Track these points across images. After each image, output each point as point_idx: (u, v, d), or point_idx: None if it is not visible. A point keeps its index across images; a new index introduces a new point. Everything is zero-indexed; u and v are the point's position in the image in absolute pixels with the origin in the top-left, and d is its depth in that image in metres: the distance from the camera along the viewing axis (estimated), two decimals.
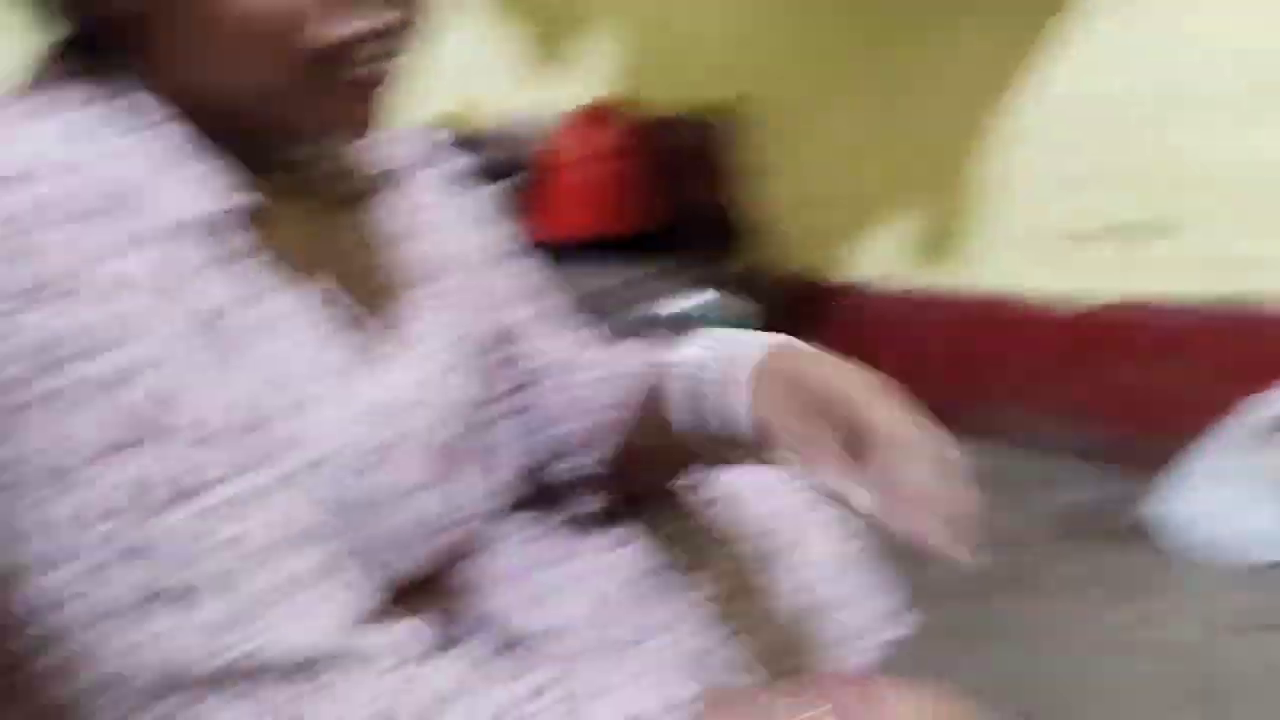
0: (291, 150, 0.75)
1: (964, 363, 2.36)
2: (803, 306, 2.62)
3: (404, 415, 0.73)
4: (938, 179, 2.34)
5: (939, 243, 2.37)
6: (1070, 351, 2.21)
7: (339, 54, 0.66)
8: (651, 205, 2.71)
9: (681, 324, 2.38)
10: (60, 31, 0.69)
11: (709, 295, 2.48)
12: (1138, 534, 1.87)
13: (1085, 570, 1.78)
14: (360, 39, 0.66)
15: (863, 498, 0.70)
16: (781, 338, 0.79)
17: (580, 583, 0.87)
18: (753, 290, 2.61)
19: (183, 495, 0.56)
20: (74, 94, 0.66)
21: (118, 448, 0.56)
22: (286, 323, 0.68)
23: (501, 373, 0.88)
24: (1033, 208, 2.23)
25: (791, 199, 2.63)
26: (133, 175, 0.63)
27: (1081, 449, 2.17)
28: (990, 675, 1.44)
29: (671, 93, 2.71)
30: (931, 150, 2.34)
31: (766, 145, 2.65)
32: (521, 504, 0.92)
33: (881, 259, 2.48)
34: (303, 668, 0.56)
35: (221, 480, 0.58)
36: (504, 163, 2.52)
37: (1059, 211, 2.19)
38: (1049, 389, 2.25)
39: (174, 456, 0.57)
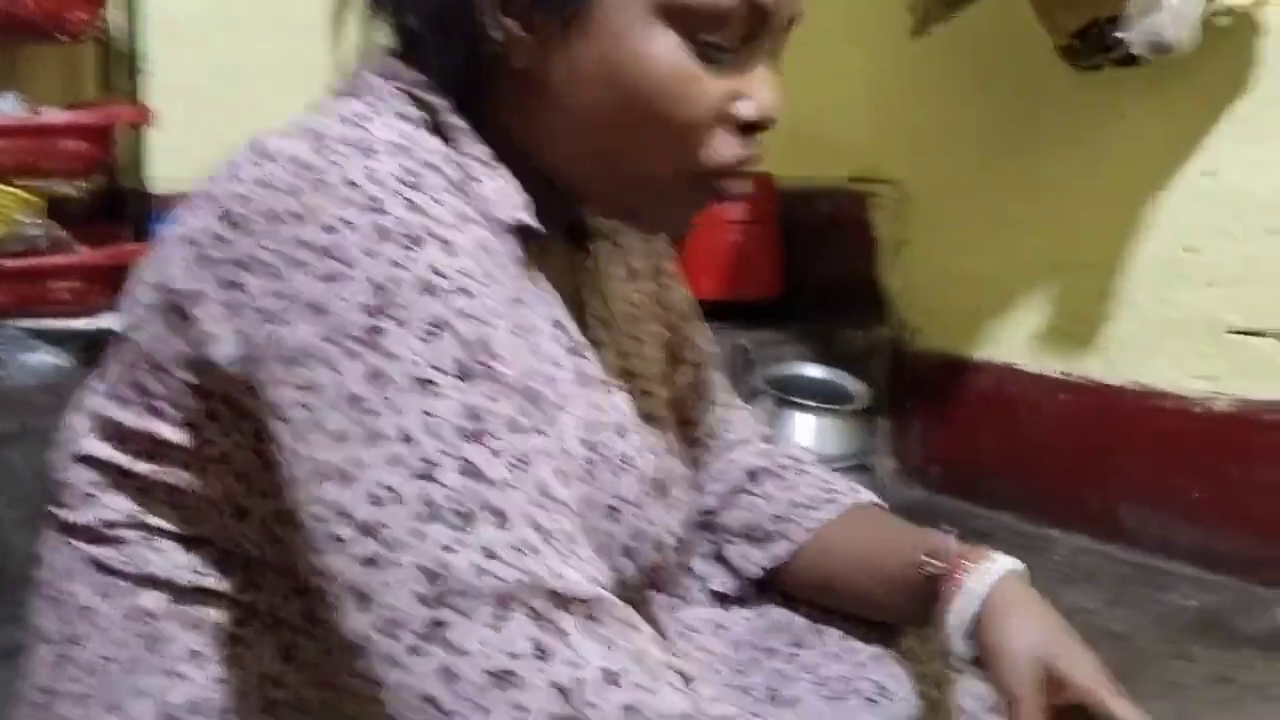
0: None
1: (1091, 453, 2.33)
2: (929, 383, 2.61)
3: (615, 434, 0.76)
4: (1082, 264, 2.32)
5: (1075, 329, 2.35)
6: (1202, 450, 2.17)
7: (721, 174, 0.72)
8: (783, 273, 2.74)
9: (806, 392, 2.41)
10: (383, 37, 0.73)
11: (832, 368, 2.50)
12: (1259, 641, 1.83)
13: (1210, 674, 1.74)
14: (741, 164, 0.72)
15: None
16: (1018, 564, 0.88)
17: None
18: (875, 365, 2.62)
19: (482, 433, 0.60)
20: (397, 103, 0.70)
21: (442, 375, 0.60)
22: (540, 334, 0.73)
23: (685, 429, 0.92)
24: (1178, 302, 2.20)
25: (928, 275, 2.63)
26: (454, 173, 0.67)
27: (1203, 553, 2.13)
28: None
29: (813, 165, 2.75)
30: (1079, 235, 2.33)
31: (908, 220, 2.66)
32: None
33: (1016, 342, 2.46)
34: (577, 602, 0.60)
35: (518, 429, 0.61)
36: None
37: (1204, 307, 2.16)
38: (1170, 487, 2.21)
39: (485, 396, 0.61)
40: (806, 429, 2.37)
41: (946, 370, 2.58)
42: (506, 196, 0.70)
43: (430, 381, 0.60)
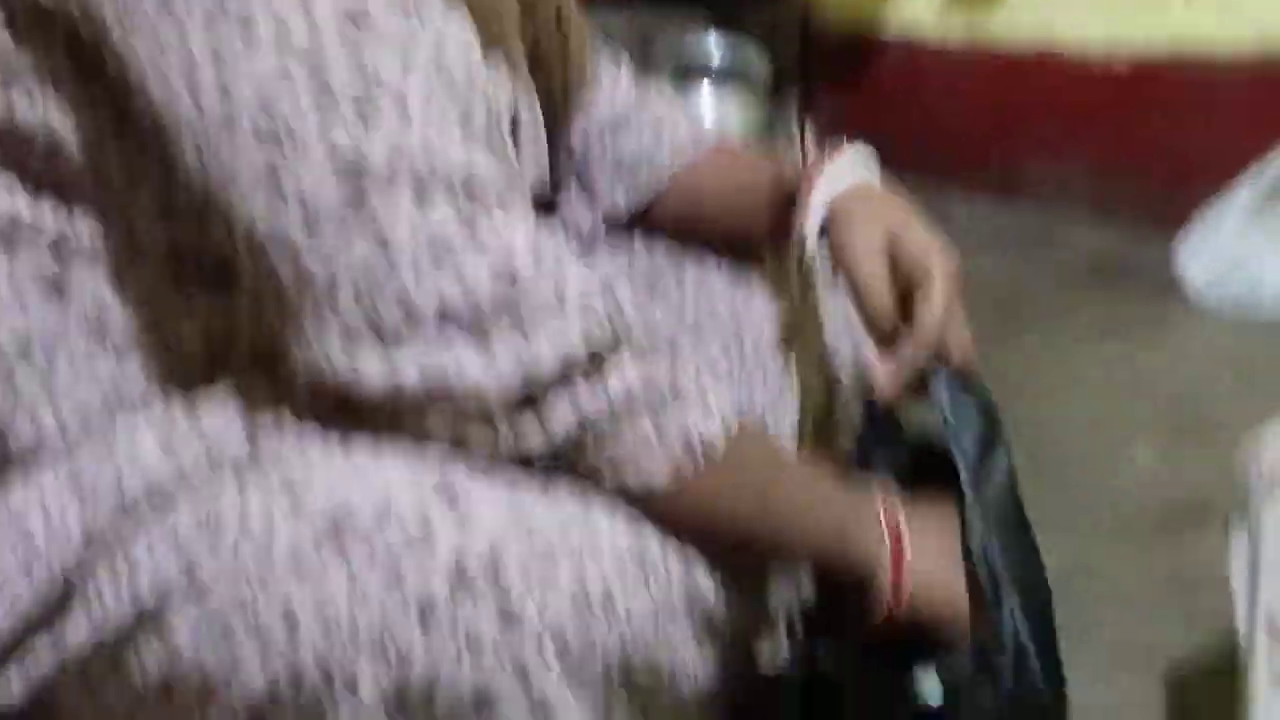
0: None
1: (995, 116, 2.32)
2: (834, 60, 2.57)
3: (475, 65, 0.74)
4: None
5: None
6: (1102, 105, 2.17)
7: None
8: None
9: (709, 66, 2.36)
10: None
11: (739, 44, 2.43)
12: (1152, 285, 1.88)
13: (1098, 318, 1.79)
14: None
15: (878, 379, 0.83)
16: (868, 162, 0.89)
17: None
18: (784, 41, 2.56)
19: (361, 24, 0.61)
20: None
21: None
22: None
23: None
24: None
25: None
26: None
27: (1108, 202, 2.15)
28: None
29: None
30: None
31: None
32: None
33: (921, 12, 2.40)
34: (489, 188, 0.63)
35: (396, 29, 0.63)
36: None
37: None
38: (1079, 142, 2.21)
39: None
40: (709, 103, 2.33)
41: (854, 43, 2.52)
42: None
43: None
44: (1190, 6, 2.01)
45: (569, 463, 0.66)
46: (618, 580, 0.67)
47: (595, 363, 0.64)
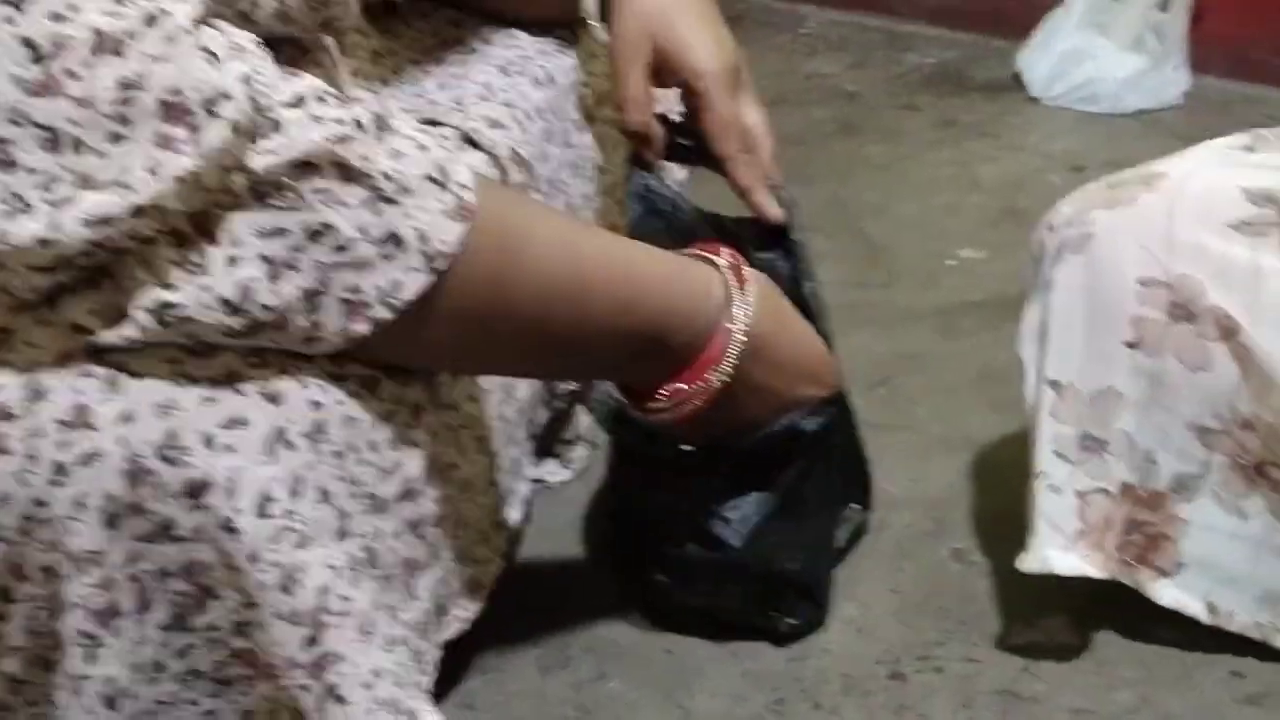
0: None
1: None
2: None
3: None
4: None
5: None
6: None
7: None
8: None
9: None
10: None
11: None
12: (996, 88, 1.86)
13: (933, 120, 1.77)
14: None
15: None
16: None
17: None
18: None
19: None
20: None
21: None
22: None
23: None
24: None
25: None
26: None
27: (952, 12, 2.11)
28: (811, 204, 1.45)
29: None
30: None
31: None
32: None
33: None
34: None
35: None
36: None
37: None
38: None
39: None
40: None
41: None
42: None
43: None
44: None
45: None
46: (332, 395, 0.59)
47: (198, 220, 0.53)
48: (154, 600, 0.57)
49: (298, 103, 0.54)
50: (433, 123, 0.77)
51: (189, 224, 0.52)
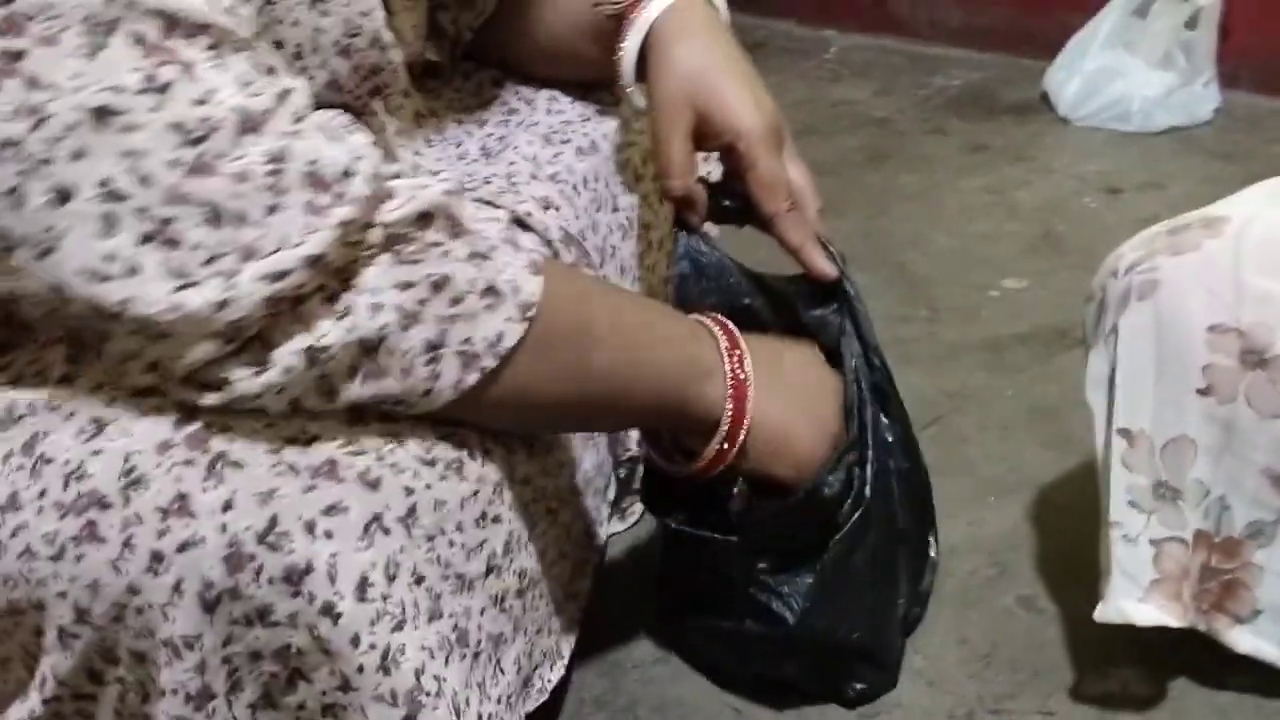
0: None
1: None
2: None
3: None
4: None
5: None
6: None
7: None
8: None
9: None
10: None
11: None
12: (1025, 109, 1.85)
13: (964, 144, 1.76)
14: None
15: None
16: None
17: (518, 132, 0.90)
18: None
19: None
20: None
21: None
22: None
23: None
24: None
25: None
26: None
27: (978, 34, 2.10)
28: (845, 236, 1.44)
29: None
30: None
31: None
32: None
33: None
34: (198, 28, 0.52)
35: None
36: None
37: None
38: None
39: None
40: None
41: None
42: None
43: None
44: None
45: (318, 395, 0.57)
46: (423, 479, 0.60)
47: (343, 269, 0.55)
48: (245, 681, 0.57)
49: (400, 173, 0.59)
50: (485, 203, 0.77)
51: (335, 278, 0.55)
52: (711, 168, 0.86)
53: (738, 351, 0.73)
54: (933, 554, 0.92)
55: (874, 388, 0.82)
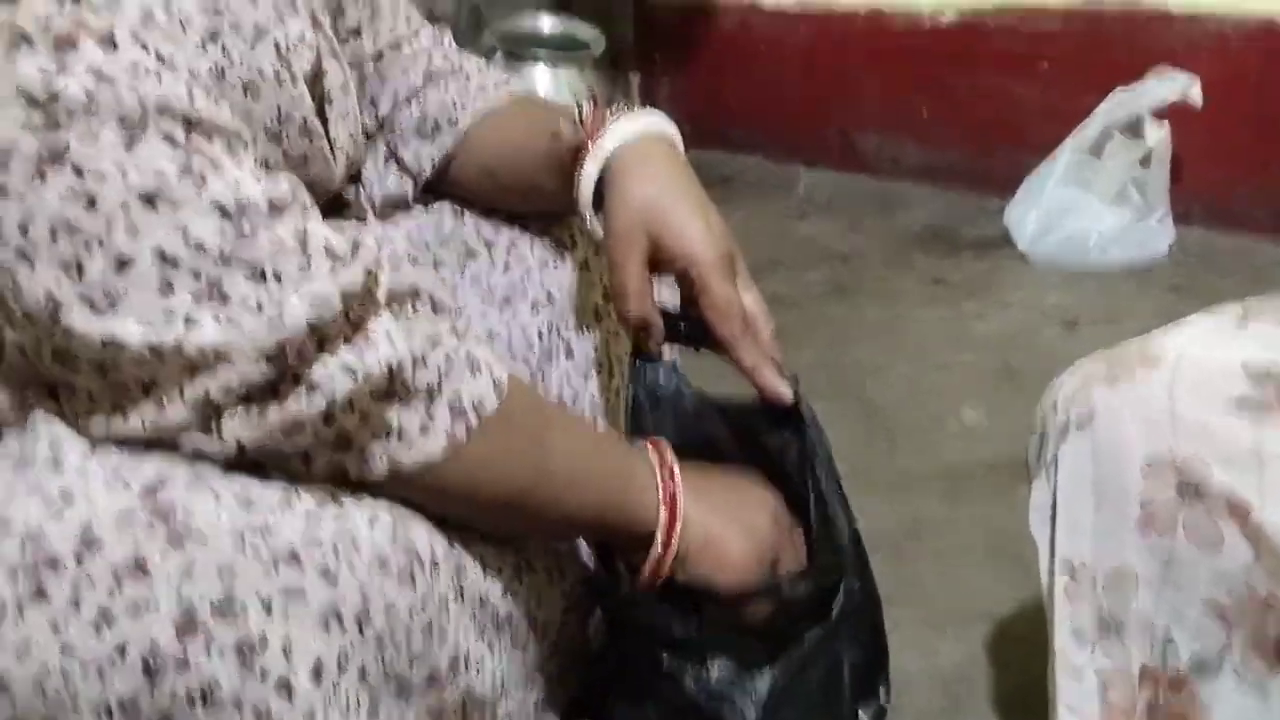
0: None
1: (830, 84, 2.32)
2: (670, 32, 2.54)
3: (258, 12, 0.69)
4: None
5: None
6: (930, 65, 2.17)
7: None
8: None
9: (542, 49, 2.30)
10: None
11: (571, 20, 2.39)
12: (985, 244, 1.89)
13: (926, 278, 1.80)
14: None
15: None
16: (655, 125, 0.84)
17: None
18: (617, 16, 2.52)
19: None
20: None
21: None
22: None
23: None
24: None
25: None
26: None
27: (939, 172, 2.16)
28: (808, 367, 1.46)
29: None
30: None
31: None
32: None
33: None
34: (218, 129, 0.58)
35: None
36: None
37: None
38: (907, 111, 2.22)
39: None
40: (544, 81, 2.27)
41: (691, 16, 2.50)
42: None
43: None
44: None
45: (333, 442, 0.60)
46: (376, 582, 0.61)
47: (357, 320, 0.60)
48: None
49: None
50: None
51: (348, 325, 0.60)
52: (668, 293, 0.88)
53: (668, 464, 0.76)
54: (883, 700, 0.91)
55: (827, 510, 0.83)
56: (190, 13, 0.61)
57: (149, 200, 0.54)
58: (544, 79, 2.28)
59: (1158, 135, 1.77)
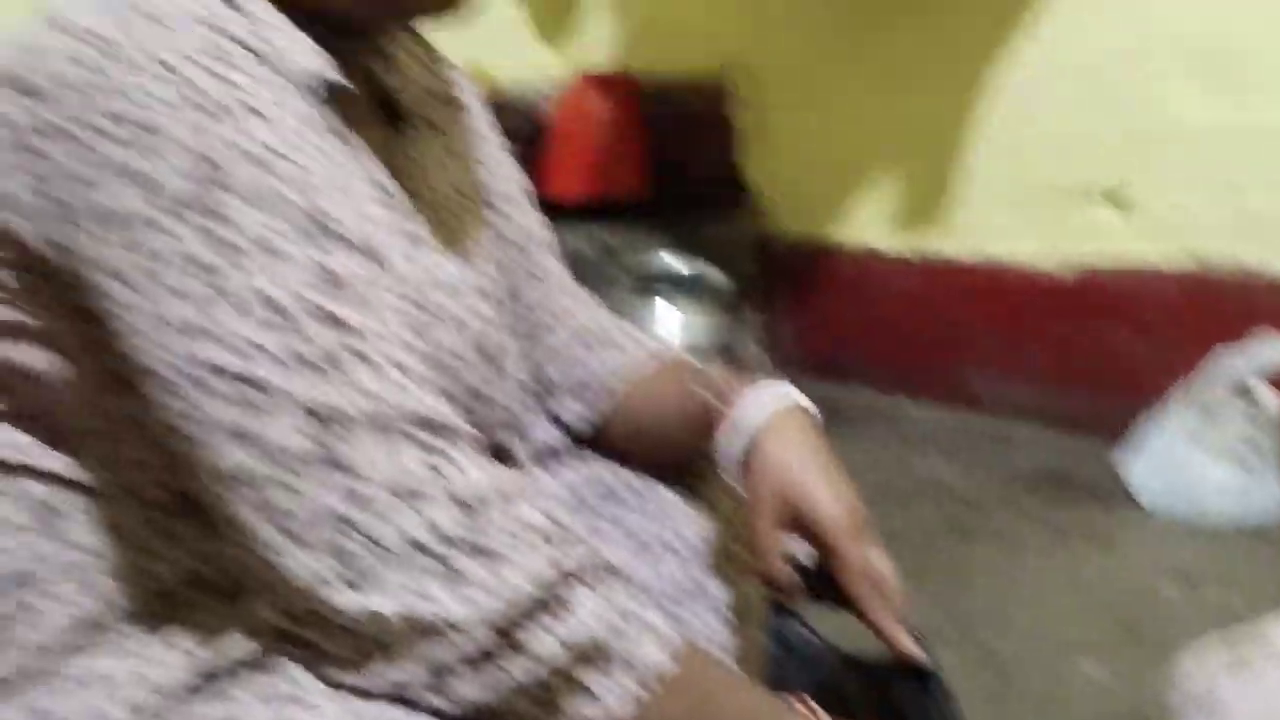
0: (367, 55, 0.81)
1: (945, 326, 2.41)
2: (790, 272, 2.67)
3: (446, 296, 0.79)
4: (930, 143, 2.39)
5: (926, 207, 2.42)
6: (1045, 317, 2.26)
7: None
8: (647, 171, 2.76)
9: (671, 285, 2.44)
10: None
11: (697, 260, 2.53)
12: (1098, 493, 1.93)
13: (1046, 525, 1.84)
14: None
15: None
16: (790, 397, 0.92)
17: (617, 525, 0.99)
18: (741, 254, 2.67)
19: (332, 285, 0.65)
20: None
21: (282, 238, 0.63)
22: (367, 199, 0.74)
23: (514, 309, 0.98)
24: (1020, 175, 2.27)
25: (787, 164, 2.67)
26: (256, 43, 0.68)
27: (1049, 413, 2.22)
28: (928, 613, 1.50)
29: (669, 61, 2.75)
30: (926, 114, 2.39)
31: (762, 112, 2.69)
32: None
33: (872, 225, 2.52)
34: (448, 429, 0.67)
35: (367, 282, 0.66)
36: (506, 130, 2.56)
37: (1036, 175, 2.24)
38: (1025, 352, 2.30)
39: (328, 252, 0.65)
40: (672, 322, 2.41)
41: (808, 258, 2.63)
42: (303, 51, 0.70)
43: (271, 243, 0.63)
44: (1129, 225, 2.12)
45: (542, 703, 0.67)
46: None
47: (565, 591, 0.67)
48: None
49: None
50: None
51: (556, 598, 0.67)
52: (805, 549, 0.95)
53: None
54: None
55: None
56: (413, 314, 0.71)
57: (404, 497, 0.64)
58: (673, 318, 2.42)
59: (1267, 399, 1.83)
